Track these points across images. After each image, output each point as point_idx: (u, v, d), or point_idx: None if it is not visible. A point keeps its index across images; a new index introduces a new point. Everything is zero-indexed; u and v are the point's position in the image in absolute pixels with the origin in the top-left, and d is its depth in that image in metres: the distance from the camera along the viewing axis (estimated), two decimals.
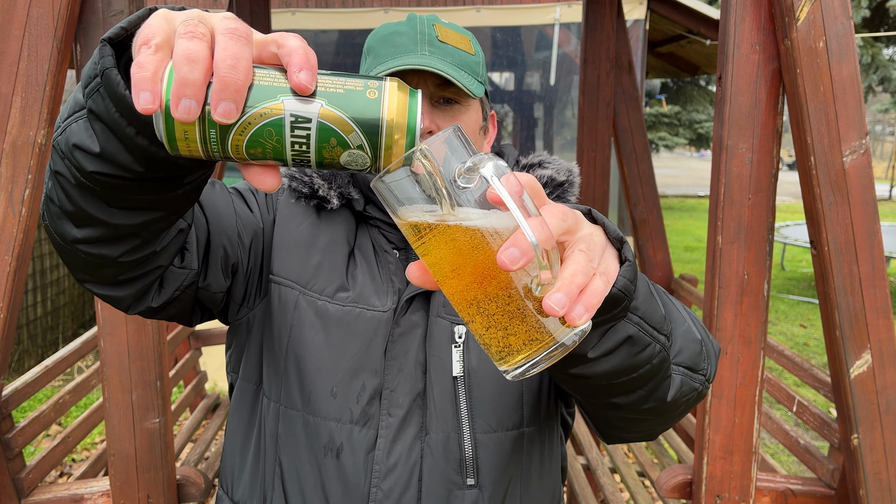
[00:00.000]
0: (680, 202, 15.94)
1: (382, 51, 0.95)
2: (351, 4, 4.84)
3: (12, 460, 1.82)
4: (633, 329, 0.67)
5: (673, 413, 0.82)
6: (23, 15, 1.48)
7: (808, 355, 5.76)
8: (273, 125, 0.54)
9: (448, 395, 0.95)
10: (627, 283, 0.62)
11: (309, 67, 0.54)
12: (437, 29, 0.96)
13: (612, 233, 0.63)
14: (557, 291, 0.51)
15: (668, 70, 7.51)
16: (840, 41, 1.47)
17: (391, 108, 0.56)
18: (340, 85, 0.56)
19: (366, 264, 1.01)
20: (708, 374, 0.82)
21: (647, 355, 0.69)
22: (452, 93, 0.95)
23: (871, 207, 1.53)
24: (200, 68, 0.50)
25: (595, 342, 0.66)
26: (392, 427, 0.94)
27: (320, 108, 0.55)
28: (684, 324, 0.79)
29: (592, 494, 2.68)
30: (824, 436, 1.98)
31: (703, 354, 0.80)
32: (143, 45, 0.52)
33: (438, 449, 0.94)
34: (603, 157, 3.24)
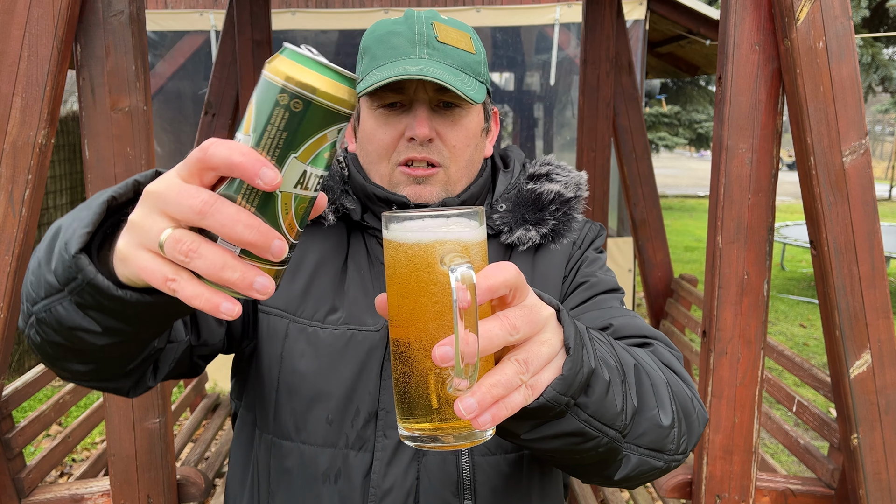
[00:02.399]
0: (680, 202, 15.94)
1: (379, 52, 0.93)
2: (351, 4, 4.84)
3: (12, 460, 1.82)
4: (578, 424, 0.67)
5: (627, 484, 0.81)
6: (23, 15, 1.48)
7: (807, 355, 5.76)
8: (303, 200, 0.55)
9: None
10: (557, 395, 0.62)
11: (259, 168, 0.50)
12: (436, 28, 0.93)
13: (566, 340, 0.64)
14: (471, 397, 0.55)
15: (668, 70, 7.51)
16: (840, 41, 1.47)
17: None
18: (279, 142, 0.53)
19: (358, 277, 0.98)
20: (681, 450, 0.81)
21: (591, 445, 0.70)
22: (453, 96, 0.92)
23: (871, 207, 1.53)
24: (235, 269, 0.51)
25: (527, 429, 0.66)
26: (388, 449, 0.92)
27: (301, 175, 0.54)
28: (653, 409, 0.76)
29: (592, 494, 2.68)
30: (824, 436, 1.98)
31: (672, 437, 0.78)
32: (170, 282, 0.52)
33: (435, 471, 0.93)
34: (603, 157, 3.24)
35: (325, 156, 0.54)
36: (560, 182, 1.03)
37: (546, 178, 1.04)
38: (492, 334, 0.56)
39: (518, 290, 0.58)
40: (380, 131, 0.95)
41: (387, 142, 0.94)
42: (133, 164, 1.61)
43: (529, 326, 0.59)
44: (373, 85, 0.89)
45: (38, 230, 4.90)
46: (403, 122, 0.94)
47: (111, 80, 1.60)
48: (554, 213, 1.01)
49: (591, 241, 1.07)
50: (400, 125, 0.94)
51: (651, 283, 3.42)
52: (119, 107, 1.61)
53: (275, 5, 4.75)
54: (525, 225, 1.01)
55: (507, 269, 0.57)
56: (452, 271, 0.53)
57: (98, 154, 1.61)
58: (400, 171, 0.95)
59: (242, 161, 0.49)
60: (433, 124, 0.93)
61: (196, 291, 0.51)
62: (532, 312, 0.59)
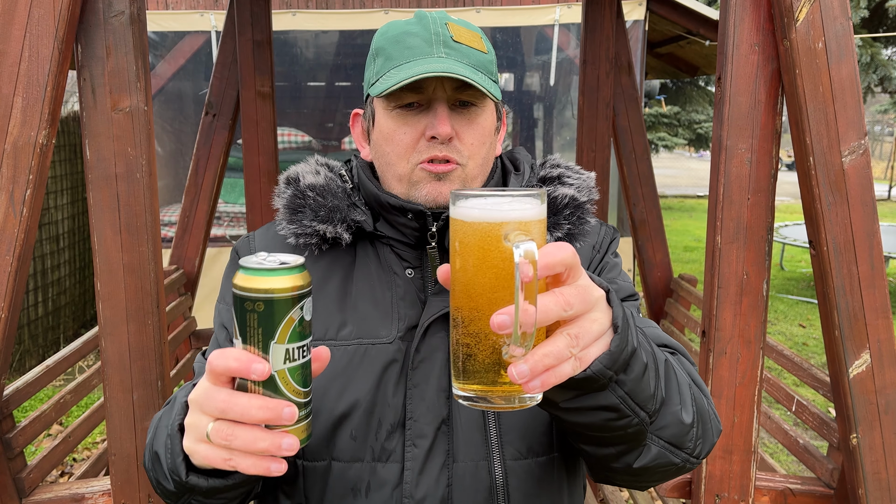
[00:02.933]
0: (679, 202, 15.95)
1: (395, 53, 0.93)
2: (352, 5, 4.85)
3: (13, 460, 1.82)
4: (614, 400, 0.72)
5: (644, 477, 0.85)
6: (24, 15, 1.49)
7: (807, 355, 5.76)
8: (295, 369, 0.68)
9: (475, 422, 0.92)
10: (603, 368, 0.67)
11: (250, 366, 0.65)
12: (450, 28, 0.93)
13: (614, 319, 0.69)
14: (524, 364, 0.61)
15: (668, 70, 7.52)
16: (839, 42, 1.48)
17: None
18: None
19: (367, 288, 0.97)
20: (696, 453, 0.85)
21: (622, 423, 0.75)
22: (469, 95, 0.93)
23: (870, 207, 1.53)
24: (264, 440, 0.66)
25: (568, 398, 0.72)
26: (418, 459, 0.91)
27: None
28: (677, 405, 0.81)
29: (592, 494, 2.68)
30: (823, 435, 1.99)
31: (690, 436, 0.83)
32: (227, 461, 0.68)
33: (467, 478, 0.92)
34: (602, 157, 3.24)
35: (299, 330, 0.66)
36: (573, 185, 1.03)
37: (558, 181, 1.04)
38: (547, 308, 0.60)
39: (573, 269, 0.63)
40: (399, 131, 0.94)
41: (407, 141, 0.94)
42: (134, 165, 1.62)
43: (582, 304, 0.64)
44: (397, 84, 0.88)
45: (39, 230, 4.90)
46: (423, 121, 0.93)
47: (112, 80, 1.60)
48: (569, 217, 1.02)
49: (609, 245, 1.08)
50: (420, 125, 0.93)
51: (651, 283, 3.43)
52: (120, 107, 1.61)
53: (275, 6, 4.75)
54: None
55: (565, 249, 0.61)
56: (517, 247, 0.58)
57: (99, 154, 1.61)
58: (420, 168, 0.94)
59: (237, 365, 0.64)
60: (453, 123, 0.93)
61: (248, 463, 0.66)
62: (585, 292, 0.64)
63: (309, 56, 5.18)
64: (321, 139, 5.79)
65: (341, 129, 5.68)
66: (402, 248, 0.99)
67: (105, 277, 1.64)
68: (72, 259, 5.78)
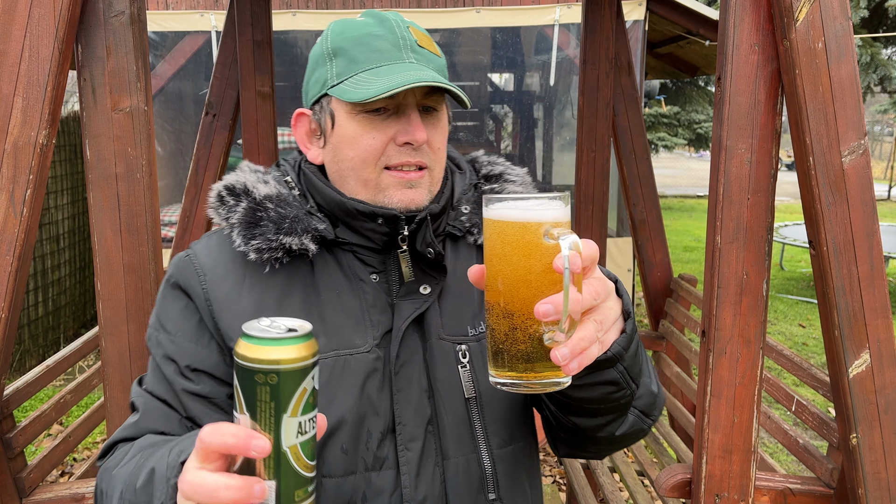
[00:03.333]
0: (679, 202, 15.95)
1: (361, 56, 0.91)
2: (352, 5, 4.85)
3: (14, 459, 1.82)
4: (615, 375, 0.81)
5: (617, 444, 0.97)
6: (24, 16, 1.49)
7: (806, 355, 5.76)
8: (307, 443, 0.65)
9: (461, 417, 0.95)
10: (620, 349, 0.78)
11: (249, 443, 0.61)
12: (413, 33, 0.93)
13: (625, 306, 0.79)
14: (566, 348, 0.67)
15: (668, 71, 7.52)
16: (839, 42, 1.48)
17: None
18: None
19: (335, 298, 0.95)
20: (655, 420, 0.98)
21: (618, 395, 0.84)
22: (434, 101, 0.93)
23: (870, 207, 1.53)
24: None
25: (582, 375, 0.78)
26: (413, 463, 0.92)
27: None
28: (649, 377, 0.92)
29: (592, 494, 2.68)
30: (823, 435, 1.99)
31: (655, 405, 0.95)
32: None
33: (460, 472, 0.94)
34: (602, 157, 3.24)
35: (311, 400, 0.63)
36: (517, 182, 1.07)
37: (502, 178, 1.07)
38: (586, 297, 0.69)
39: (594, 263, 0.71)
40: (367, 136, 0.91)
41: (376, 146, 0.91)
42: (134, 165, 1.62)
43: (605, 294, 0.73)
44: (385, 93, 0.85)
45: (39, 230, 4.90)
46: (393, 126, 0.91)
47: (112, 80, 1.60)
48: None
49: None
50: (390, 130, 0.91)
51: (650, 283, 3.43)
52: (120, 107, 1.61)
53: (275, 6, 4.75)
54: None
55: (593, 246, 0.69)
56: (563, 239, 0.65)
57: (99, 154, 1.61)
58: (389, 176, 0.92)
59: (235, 442, 0.60)
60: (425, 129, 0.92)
61: None
62: (605, 283, 0.73)
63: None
64: None
65: None
66: (367, 254, 0.96)
67: (105, 277, 1.64)
68: (72, 259, 5.78)
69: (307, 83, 0.99)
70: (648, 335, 3.42)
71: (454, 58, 5.15)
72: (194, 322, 0.93)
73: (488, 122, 5.83)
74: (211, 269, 0.95)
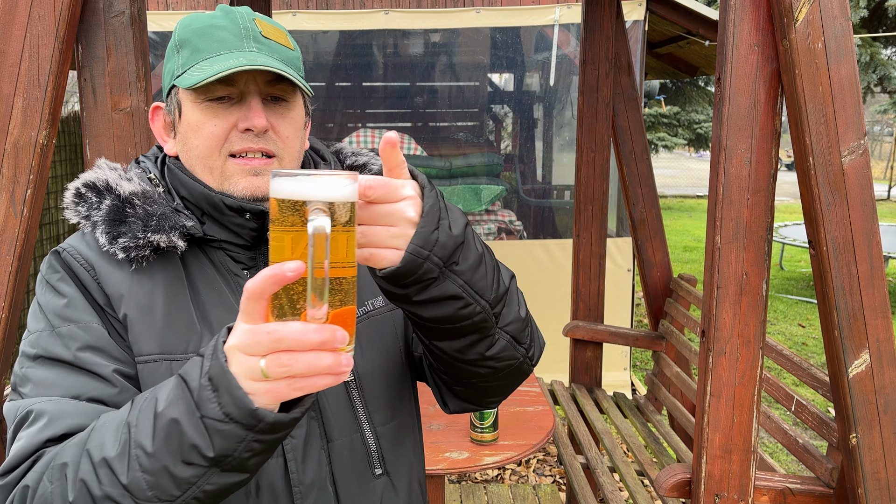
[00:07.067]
0: (679, 202, 15.95)
1: (203, 45, 0.91)
2: (352, 6, 4.85)
3: None
4: (456, 289, 0.80)
5: (495, 378, 0.95)
6: (24, 16, 1.49)
7: (806, 355, 5.77)
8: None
9: (343, 399, 0.97)
10: (417, 248, 0.76)
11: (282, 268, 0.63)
12: (258, 24, 0.93)
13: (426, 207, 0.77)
14: None
15: (667, 71, 7.52)
16: (838, 42, 1.48)
17: None
18: None
19: (215, 295, 0.94)
20: (531, 353, 0.96)
21: (468, 312, 0.83)
22: (281, 90, 0.93)
23: (870, 207, 1.54)
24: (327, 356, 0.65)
25: (415, 290, 0.79)
26: (298, 449, 0.93)
27: None
28: (516, 305, 0.92)
29: (592, 493, 2.68)
30: (823, 435, 1.99)
31: (526, 332, 0.94)
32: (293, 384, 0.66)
33: (345, 452, 0.96)
34: (602, 157, 3.24)
35: None
36: (376, 169, 1.09)
37: (366, 168, 1.10)
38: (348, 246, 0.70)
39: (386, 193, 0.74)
40: (209, 123, 0.92)
41: (218, 133, 0.91)
42: None
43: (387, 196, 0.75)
44: (213, 76, 0.86)
45: (39, 230, 4.90)
46: (235, 114, 0.91)
47: (112, 80, 1.60)
48: None
49: None
50: (231, 117, 0.91)
51: (650, 283, 3.43)
52: (120, 107, 1.62)
53: (275, 6, 4.75)
54: None
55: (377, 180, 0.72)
56: (311, 222, 0.63)
57: (99, 154, 1.62)
58: (234, 164, 0.92)
59: (272, 272, 0.63)
60: (268, 117, 0.92)
61: (318, 380, 0.66)
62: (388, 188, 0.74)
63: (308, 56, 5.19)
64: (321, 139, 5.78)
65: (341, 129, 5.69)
66: (236, 250, 0.96)
67: None
68: None
69: (162, 78, 1.00)
70: (648, 335, 3.42)
71: (454, 58, 5.16)
72: (94, 308, 0.91)
73: (488, 122, 5.83)
74: (94, 264, 0.93)
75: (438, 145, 5.40)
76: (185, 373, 0.72)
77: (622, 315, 4.84)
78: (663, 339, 3.33)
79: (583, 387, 3.49)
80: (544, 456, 3.95)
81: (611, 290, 4.07)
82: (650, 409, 3.28)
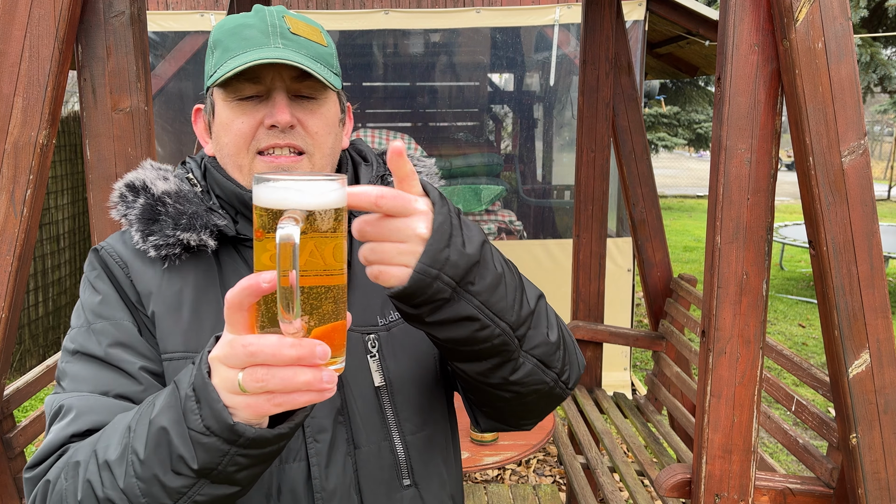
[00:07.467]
0: (679, 202, 15.96)
1: (232, 44, 0.91)
2: (352, 6, 4.85)
3: (14, 459, 1.83)
4: (471, 310, 0.77)
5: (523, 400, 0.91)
6: (24, 16, 1.49)
7: (806, 355, 5.77)
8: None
9: (372, 405, 0.96)
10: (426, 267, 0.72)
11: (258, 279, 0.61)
12: (287, 20, 0.93)
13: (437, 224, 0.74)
14: None
15: (668, 71, 7.52)
16: (839, 42, 1.48)
17: None
18: None
19: None
20: (564, 377, 0.91)
21: (486, 334, 0.79)
22: (309, 87, 0.92)
23: (870, 208, 1.54)
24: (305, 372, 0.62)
25: (427, 311, 0.76)
26: (322, 454, 0.92)
27: None
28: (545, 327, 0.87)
29: (592, 494, 2.68)
30: (823, 435, 1.99)
31: (557, 356, 0.89)
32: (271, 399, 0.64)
33: (372, 460, 0.95)
34: (602, 157, 3.24)
35: None
36: (422, 172, 1.07)
37: None
38: None
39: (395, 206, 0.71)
40: (237, 121, 0.92)
41: (245, 130, 0.92)
42: (134, 165, 1.62)
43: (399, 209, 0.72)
44: (229, 72, 0.87)
45: (39, 230, 4.90)
46: (262, 111, 0.92)
47: (112, 80, 1.60)
48: None
49: None
50: (258, 114, 0.92)
51: (650, 283, 3.43)
52: (120, 107, 1.62)
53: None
54: None
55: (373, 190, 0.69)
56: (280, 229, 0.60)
57: (99, 154, 1.62)
58: (261, 161, 0.92)
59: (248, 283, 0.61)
60: (293, 112, 0.92)
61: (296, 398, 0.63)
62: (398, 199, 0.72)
63: None
64: None
65: None
66: None
67: None
68: (72, 259, 5.78)
69: None
70: (648, 335, 3.42)
71: (454, 58, 5.16)
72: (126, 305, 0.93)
73: (488, 122, 5.83)
74: (131, 261, 0.95)
75: (438, 145, 5.41)
76: (178, 380, 0.71)
77: (622, 315, 4.84)
78: (663, 339, 3.33)
79: (583, 387, 3.49)
80: (544, 456, 3.95)
81: (611, 290, 4.07)
82: (650, 409, 3.28)
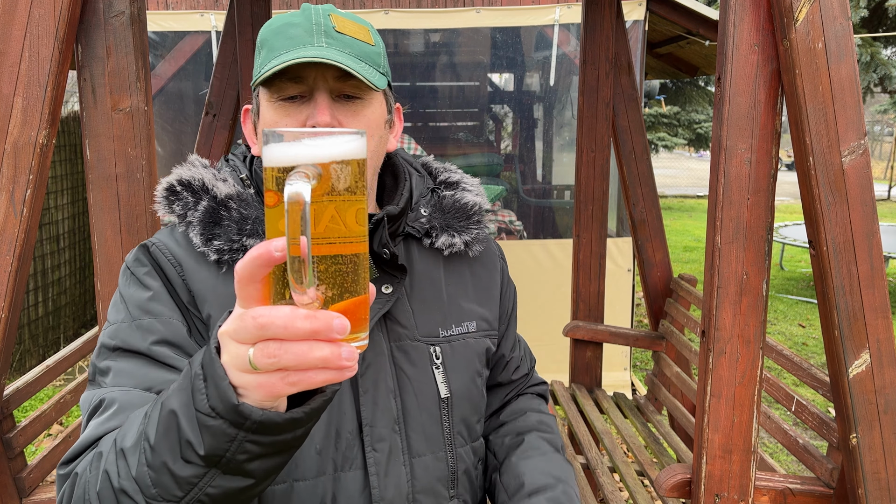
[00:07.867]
0: (679, 202, 15.95)
1: (277, 43, 0.91)
2: (351, 6, 4.85)
3: (14, 460, 1.83)
4: None
5: None
6: (24, 16, 1.49)
7: (806, 355, 5.77)
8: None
9: (434, 417, 0.97)
10: None
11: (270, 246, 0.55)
12: (333, 19, 0.92)
13: None
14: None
15: (668, 71, 7.52)
16: (839, 42, 1.48)
17: None
18: None
19: None
20: None
21: None
22: (353, 87, 0.90)
23: (870, 208, 1.54)
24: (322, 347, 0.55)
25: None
26: (381, 463, 0.93)
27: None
28: None
29: (592, 493, 2.68)
30: (823, 435, 1.99)
31: None
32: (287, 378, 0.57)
33: (427, 470, 0.96)
34: (602, 157, 3.24)
35: None
36: (473, 191, 1.09)
37: (458, 186, 1.09)
38: None
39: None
40: (280, 122, 0.91)
41: None
42: (134, 165, 1.62)
43: None
44: (269, 70, 0.86)
45: (39, 230, 4.90)
46: (304, 111, 0.90)
47: (112, 80, 1.60)
48: (477, 223, 1.07)
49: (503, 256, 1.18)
50: (301, 115, 0.90)
51: (650, 283, 3.43)
52: (120, 107, 1.61)
53: (275, 6, 4.75)
54: (449, 231, 1.05)
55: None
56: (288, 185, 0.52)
57: (99, 154, 1.62)
58: None
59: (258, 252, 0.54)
60: (334, 113, 0.90)
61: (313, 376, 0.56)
62: None
63: None
64: None
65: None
66: None
67: (105, 277, 1.64)
68: (72, 259, 5.78)
69: None
70: (648, 335, 3.42)
71: (454, 58, 5.15)
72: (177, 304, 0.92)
73: (488, 122, 5.83)
74: (182, 261, 0.92)
75: (438, 145, 5.40)
76: (192, 360, 0.65)
77: (622, 315, 4.84)
78: (663, 339, 3.33)
79: (583, 387, 3.49)
80: None
81: (611, 290, 4.07)
82: (650, 409, 3.28)
